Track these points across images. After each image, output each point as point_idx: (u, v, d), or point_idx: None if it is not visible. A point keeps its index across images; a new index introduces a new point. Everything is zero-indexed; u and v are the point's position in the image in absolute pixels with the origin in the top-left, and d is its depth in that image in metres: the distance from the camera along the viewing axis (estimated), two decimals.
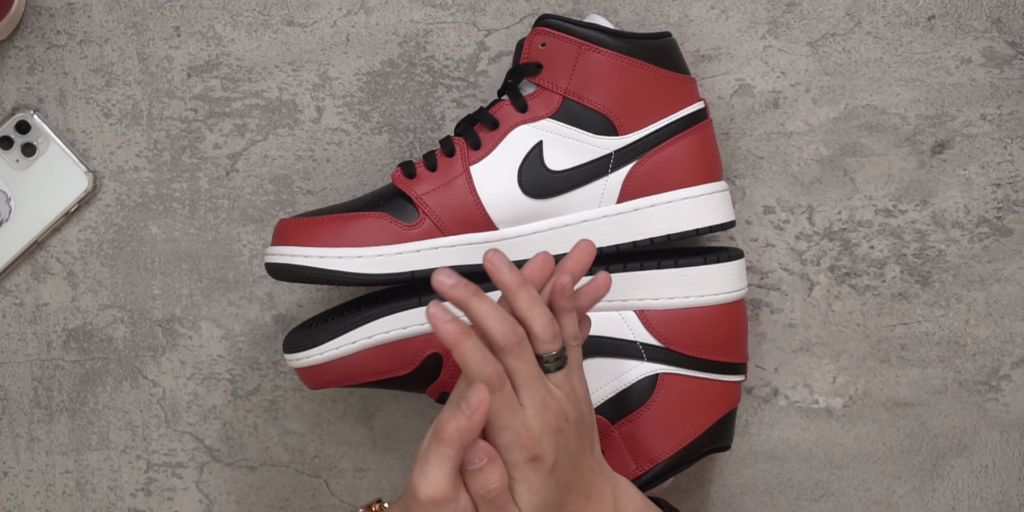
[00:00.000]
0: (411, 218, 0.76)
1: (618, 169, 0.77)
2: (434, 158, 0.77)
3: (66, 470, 0.88)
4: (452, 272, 0.65)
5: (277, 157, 0.86)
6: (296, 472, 0.88)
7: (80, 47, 0.85)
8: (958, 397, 0.85)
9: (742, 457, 0.87)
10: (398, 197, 0.77)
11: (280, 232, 0.77)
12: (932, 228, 0.84)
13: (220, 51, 0.85)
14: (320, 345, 0.76)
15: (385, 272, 0.75)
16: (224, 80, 0.85)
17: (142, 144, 0.86)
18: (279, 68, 0.85)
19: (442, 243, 0.76)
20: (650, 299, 0.78)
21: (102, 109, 0.86)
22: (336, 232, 0.76)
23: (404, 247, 0.76)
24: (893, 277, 0.85)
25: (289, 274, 0.76)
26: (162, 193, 0.86)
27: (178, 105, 0.85)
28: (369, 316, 0.76)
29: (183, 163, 0.86)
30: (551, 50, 0.76)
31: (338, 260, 0.75)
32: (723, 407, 0.80)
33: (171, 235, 0.86)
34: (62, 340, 0.87)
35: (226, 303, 0.86)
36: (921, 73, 0.83)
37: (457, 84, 0.85)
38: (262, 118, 0.85)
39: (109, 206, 0.86)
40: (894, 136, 0.84)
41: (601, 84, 0.76)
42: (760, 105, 0.84)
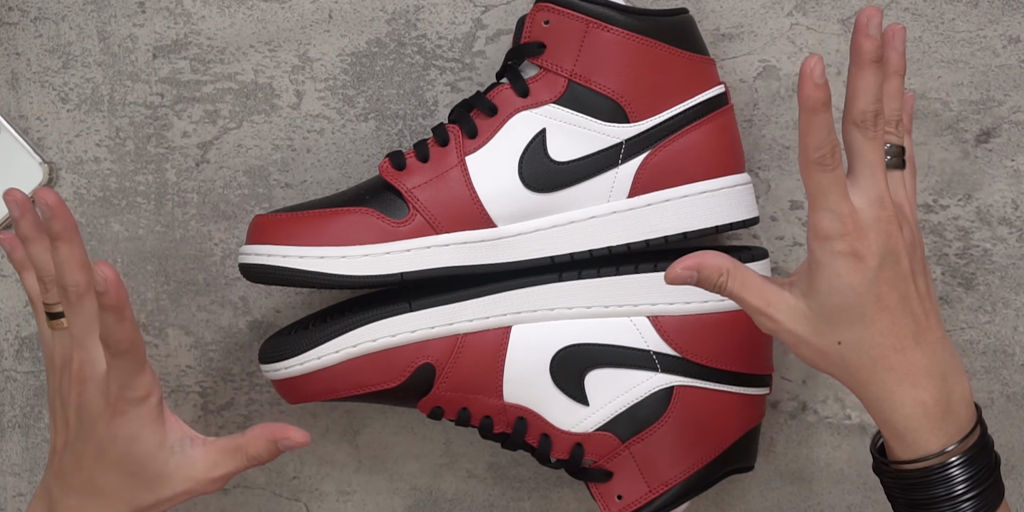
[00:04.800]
0: (400, 214, 0.75)
1: (629, 160, 0.76)
2: (426, 148, 0.76)
3: (19, 493, 0.88)
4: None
5: (252, 147, 0.86)
6: (274, 495, 0.88)
7: (34, 25, 0.86)
8: (1005, 412, 0.85)
9: (766, 479, 0.87)
10: (386, 191, 0.77)
11: (256, 229, 0.76)
12: (977, 225, 0.85)
13: (189, 29, 0.85)
14: (300, 355, 0.76)
15: (372, 274, 0.75)
16: (193, 61, 0.85)
17: (103, 132, 0.86)
18: (254, 48, 0.85)
19: (435, 242, 0.75)
20: (664, 304, 0.77)
21: (59, 93, 0.86)
22: (317, 229, 0.75)
23: (393, 246, 0.75)
24: (934, 279, 0.85)
25: (266, 276, 0.75)
26: (125, 186, 0.86)
27: (143, 89, 0.85)
28: (354, 323, 0.76)
29: (148, 153, 0.86)
30: (555, 28, 0.75)
31: (320, 260, 0.74)
32: (746, 423, 0.80)
33: (135, 233, 0.86)
34: (14, 349, 0.87)
35: (196, 308, 0.86)
36: (965, 53, 0.84)
37: (451, 66, 0.84)
38: (235, 103, 0.85)
39: (67, 201, 0.87)
40: (935, 123, 0.84)
41: (611, 66, 0.76)
42: (787, 89, 0.84)
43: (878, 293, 0.66)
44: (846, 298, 0.66)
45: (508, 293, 0.77)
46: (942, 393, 0.67)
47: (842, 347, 0.67)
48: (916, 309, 0.67)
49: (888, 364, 0.67)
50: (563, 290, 0.77)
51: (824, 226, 0.66)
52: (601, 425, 0.77)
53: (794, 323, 0.67)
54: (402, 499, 0.87)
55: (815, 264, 0.66)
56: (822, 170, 0.65)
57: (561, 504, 0.87)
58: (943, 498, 0.67)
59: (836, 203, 0.65)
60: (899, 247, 0.66)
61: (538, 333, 0.77)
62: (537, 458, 0.79)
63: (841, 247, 0.65)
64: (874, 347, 0.67)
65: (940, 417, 0.67)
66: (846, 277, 0.66)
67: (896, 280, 0.67)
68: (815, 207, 0.66)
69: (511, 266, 0.77)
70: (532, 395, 0.77)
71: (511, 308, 0.77)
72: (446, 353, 0.76)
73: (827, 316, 0.67)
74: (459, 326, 0.76)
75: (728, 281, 0.68)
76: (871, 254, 0.66)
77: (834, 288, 0.66)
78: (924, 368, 0.67)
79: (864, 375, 0.67)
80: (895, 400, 0.67)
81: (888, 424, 0.67)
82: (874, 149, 0.66)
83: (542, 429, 0.78)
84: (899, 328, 0.67)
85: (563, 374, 0.77)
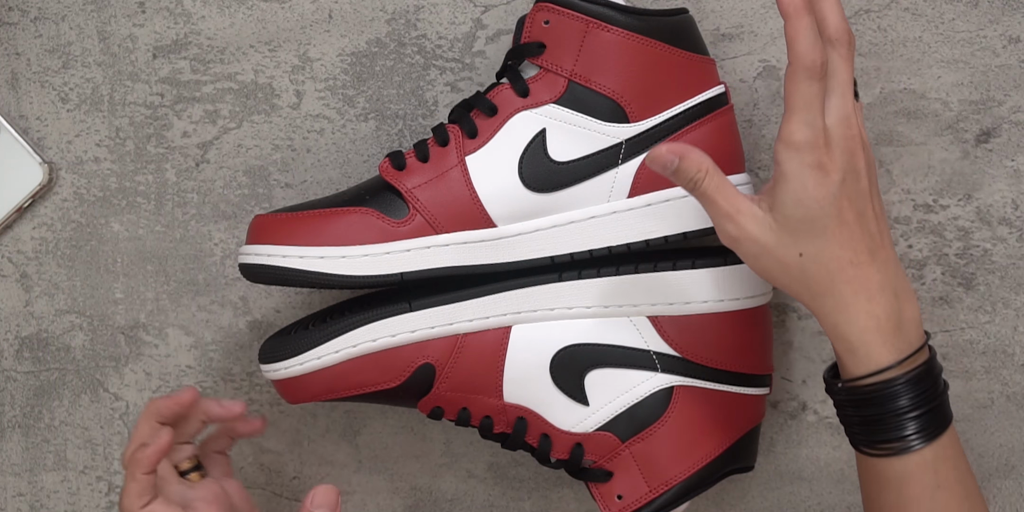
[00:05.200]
0: (400, 214, 0.75)
1: (629, 160, 0.76)
2: (426, 148, 0.76)
3: (19, 493, 0.88)
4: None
5: (252, 147, 0.85)
6: (273, 495, 0.87)
7: (34, 25, 0.85)
8: (1005, 412, 0.85)
9: (766, 479, 0.86)
10: (386, 191, 0.77)
11: (255, 229, 0.76)
12: (977, 225, 0.84)
13: (189, 29, 0.85)
14: (300, 355, 0.76)
15: (372, 274, 0.75)
16: (193, 61, 0.85)
17: (103, 132, 0.86)
18: (254, 48, 0.85)
19: (435, 242, 0.75)
20: (664, 304, 0.77)
21: (59, 93, 0.86)
22: (317, 229, 0.75)
23: (392, 246, 0.75)
24: (933, 279, 0.85)
25: (265, 276, 0.75)
26: (125, 186, 0.86)
27: (143, 89, 0.85)
28: (354, 323, 0.76)
29: (148, 153, 0.85)
30: (555, 28, 0.75)
31: (319, 260, 0.74)
32: (746, 423, 0.80)
33: (135, 233, 0.86)
34: (14, 349, 0.87)
35: (196, 308, 0.86)
36: (965, 53, 0.83)
37: (451, 66, 0.84)
38: (235, 103, 0.85)
39: (66, 201, 0.86)
40: (935, 123, 0.84)
41: (611, 66, 0.76)
42: None
43: (839, 207, 0.69)
44: (810, 210, 0.68)
45: (508, 293, 0.77)
46: (894, 309, 0.69)
47: (803, 259, 0.69)
48: (872, 227, 0.70)
49: (845, 277, 0.69)
50: (563, 290, 0.77)
51: (799, 138, 0.68)
52: (601, 425, 0.77)
53: (760, 232, 0.69)
54: (402, 499, 0.87)
55: (782, 177, 0.69)
56: (810, 80, 0.68)
57: (561, 504, 0.87)
58: (891, 414, 0.69)
59: (814, 116, 0.68)
60: (861, 166, 0.69)
61: (538, 333, 0.77)
62: (537, 458, 0.79)
63: (810, 159, 0.68)
64: (832, 259, 0.69)
65: (891, 332, 0.69)
66: (812, 190, 0.68)
67: (856, 197, 0.69)
68: (793, 119, 0.68)
69: (511, 266, 0.77)
70: (532, 395, 0.77)
71: (511, 308, 0.77)
72: (446, 353, 0.76)
73: (791, 227, 0.69)
74: (459, 326, 0.76)
75: (705, 179, 0.70)
76: (836, 169, 0.68)
77: (800, 200, 0.68)
78: (878, 283, 0.69)
79: (822, 287, 0.69)
80: (850, 312, 0.69)
81: (842, 338, 0.70)
82: (847, 70, 0.69)
83: (542, 429, 0.78)
84: (856, 243, 0.69)
85: (563, 374, 0.77)
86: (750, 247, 0.70)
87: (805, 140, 0.68)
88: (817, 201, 0.68)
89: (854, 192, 0.69)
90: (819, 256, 0.69)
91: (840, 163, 0.69)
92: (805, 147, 0.68)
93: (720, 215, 0.70)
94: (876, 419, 0.69)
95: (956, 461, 0.70)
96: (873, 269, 0.69)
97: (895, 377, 0.69)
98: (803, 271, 0.69)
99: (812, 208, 0.68)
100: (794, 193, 0.68)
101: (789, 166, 0.68)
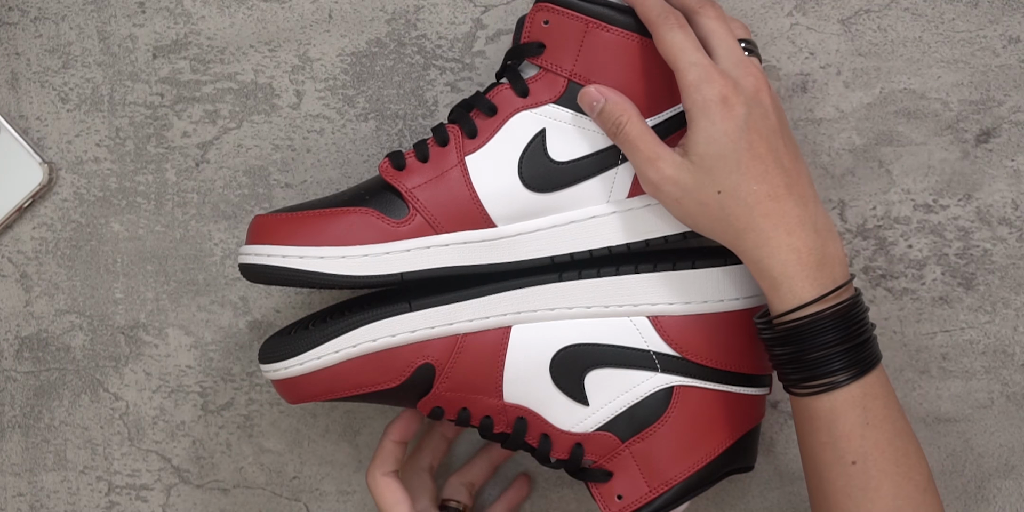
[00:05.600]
0: (400, 214, 0.75)
1: (628, 160, 0.75)
2: (425, 148, 0.77)
3: (19, 493, 0.88)
4: None
5: (252, 147, 0.85)
6: (273, 495, 0.87)
7: (34, 25, 0.85)
8: (1005, 412, 0.85)
9: (766, 479, 0.86)
10: (386, 191, 0.77)
11: (256, 229, 0.77)
12: (977, 225, 0.84)
13: (189, 29, 0.84)
14: (300, 355, 0.76)
15: (372, 274, 0.75)
16: (193, 61, 0.85)
17: (103, 132, 0.85)
18: (254, 48, 0.85)
19: (434, 242, 0.75)
20: (664, 304, 0.77)
21: (59, 93, 0.85)
22: (318, 229, 0.75)
23: (393, 246, 0.75)
24: (934, 279, 0.84)
25: (266, 276, 0.76)
26: (125, 186, 0.86)
27: (143, 89, 0.85)
28: (354, 323, 0.76)
29: (148, 153, 0.85)
30: (555, 28, 0.75)
31: (320, 260, 0.74)
32: (746, 423, 0.80)
33: (135, 233, 0.86)
34: (14, 349, 0.87)
35: (196, 308, 0.86)
36: (965, 53, 0.83)
37: (451, 66, 0.84)
38: (235, 103, 0.85)
39: (66, 201, 0.86)
40: (935, 123, 0.83)
41: (610, 66, 0.75)
42: (786, 89, 0.84)
43: (749, 140, 0.70)
44: (721, 145, 0.70)
45: (508, 293, 0.76)
46: (815, 244, 0.71)
47: (721, 196, 0.71)
48: (786, 163, 0.71)
49: (764, 210, 0.70)
50: (563, 290, 0.77)
51: (691, 77, 0.70)
52: (601, 425, 0.77)
53: (678, 174, 0.71)
54: None
55: (690, 118, 0.71)
56: (669, 27, 0.71)
57: (561, 504, 0.87)
58: (817, 348, 0.70)
59: (695, 55, 0.70)
60: (767, 102, 0.71)
61: (538, 333, 0.77)
62: (537, 458, 0.79)
63: (711, 94, 0.70)
64: (750, 194, 0.70)
65: (814, 266, 0.70)
66: (719, 124, 0.70)
67: (765, 131, 0.71)
68: (678, 66, 0.71)
69: (511, 266, 0.76)
70: (532, 395, 0.77)
71: (511, 308, 0.76)
72: (446, 353, 0.76)
73: (707, 166, 0.70)
74: (459, 326, 0.76)
75: (627, 125, 0.73)
76: (740, 103, 0.70)
77: (710, 136, 0.70)
78: (797, 217, 0.71)
79: (742, 223, 0.71)
80: (771, 246, 0.70)
81: (765, 274, 0.71)
82: (721, 25, 0.72)
83: (542, 429, 0.78)
84: (771, 177, 0.71)
85: (563, 374, 0.77)
86: (670, 190, 0.72)
87: (697, 77, 0.70)
88: (726, 134, 0.70)
89: (763, 127, 0.71)
90: (736, 191, 0.70)
91: (744, 98, 0.70)
92: (702, 83, 0.70)
93: (641, 160, 0.72)
94: (802, 356, 0.71)
95: (886, 400, 0.71)
96: (791, 203, 0.71)
97: (819, 311, 0.70)
98: (722, 208, 0.71)
99: (722, 142, 0.70)
100: (703, 130, 0.70)
101: (692, 105, 0.70)
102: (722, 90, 0.70)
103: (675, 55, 0.71)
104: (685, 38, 0.71)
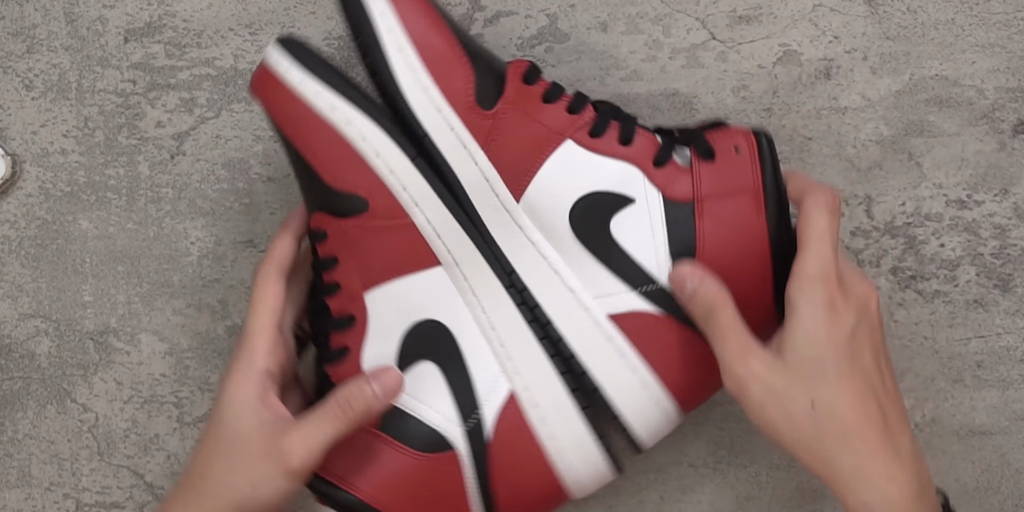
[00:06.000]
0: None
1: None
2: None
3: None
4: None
5: (232, 138, 0.84)
6: None
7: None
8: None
9: (787, 497, 0.85)
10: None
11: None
12: (1014, 222, 0.83)
13: (163, 11, 0.84)
14: (307, 70, 0.72)
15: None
16: (168, 45, 0.84)
17: (70, 122, 0.85)
18: (234, 31, 0.84)
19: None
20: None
21: (23, 80, 0.85)
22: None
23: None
24: (968, 281, 0.84)
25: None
26: (94, 181, 0.85)
27: (113, 75, 0.84)
28: (367, 109, 0.72)
29: (119, 145, 0.84)
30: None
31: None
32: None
33: (105, 231, 0.85)
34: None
35: (171, 312, 0.85)
36: (1001, 37, 0.83)
37: None
38: (214, 91, 0.84)
39: (31, 196, 0.85)
40: (968, 112, 0.83)
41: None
42: (809, 76, 0.83)
43: (853, 350, 0.68)
44: (822, 349, 0.67)
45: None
46: (914, 472, 0.68)
47: (815, 410, 0.67)
48: (887, 382, 0.69)
49: (861, 432, 0.67)
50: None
51: (812, 270, 0.68)
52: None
53: (768, 374, 0.68)
54: None
55: (793, 313, 0.68)
56: (828, 212, 0.69)
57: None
58: None
59: (827, 250, 0.69)
60: (875, 314, 0.70)
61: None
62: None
63: (822, 296, 0.68)
64: (847, 411, 0.67)
65: (915, 498, 0.67)
66: (824, 326, 0.68)
67: (870, 345, 0.69)
68: (807, 252, 0.69)
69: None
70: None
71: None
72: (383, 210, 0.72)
73: (801, 369, 0.68)
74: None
75: (721, 312, 0.70)
76: (849, 310, 0.68)
77: (811, 338, 0.68)
78: (896, 444, 0.68)
79: (836, 445, 0.67)
80: (869, 475, 0.67)
81: (864, 506, 0.67)
82: (837, 220, 0.70)
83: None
84: (872, 395, 0.68)
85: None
86: (756, 391, 0.68)
87: (818, 272, 0.68)
88: (830, 338, 0.67)
89: (868, 340, 0.69)
90: (833, 406, 0.67)
91: (854, 306, 0.68)
92: (818, 280, 0.68)
93: (729, 353, 0.69)
94: None
95: None
96: (890, 426, 0.68)
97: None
98: (815, 425, 0.67)
99: (823, 347, 0.67)
100: (805, 330, 0.68)
101: (800, 301, 0.68)
102: (835, 295, 0.68)
103: (811, 237, 0.69)
104: (829, 226, 0.69)
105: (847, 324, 0.68)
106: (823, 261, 0.68)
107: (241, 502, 0.70)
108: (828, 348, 0.67)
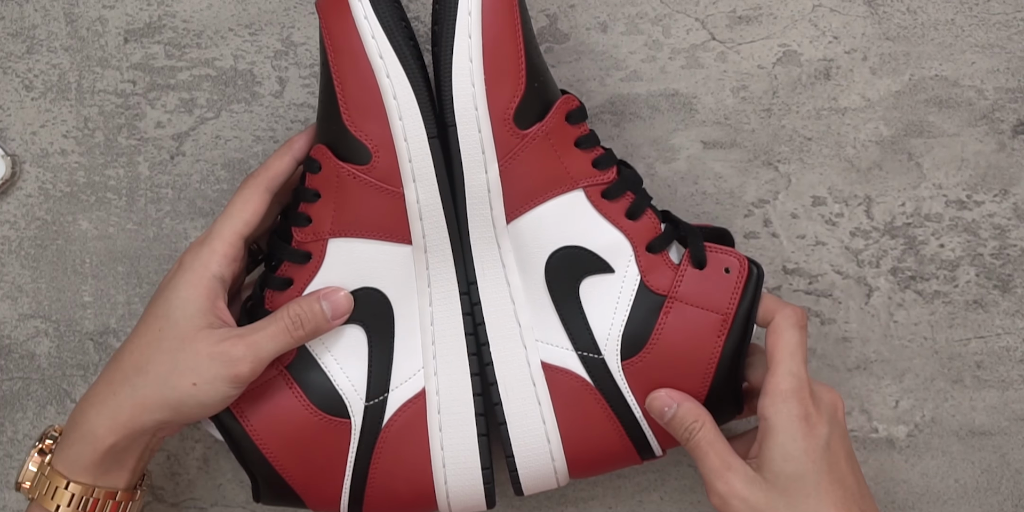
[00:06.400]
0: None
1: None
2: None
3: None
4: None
5: (232, 138, 0.84)
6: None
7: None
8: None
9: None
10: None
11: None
12: (1014, 223, 0.83)
13: (163, 11, 0.84)
14: (376, 10, 0.71)
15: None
16: (168, 46, 0.84)
17: (70, 122, 0.84)
18: (234, 32, 0.84)
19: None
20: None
21: (23, 81, 0.84)
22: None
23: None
24: (967, 281, 0.84)
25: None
26: (94, 181, 0.85)
27: (113, 76, 0.84)
28: (403, 55, 0.71)
29: (119, 145, 0.84)
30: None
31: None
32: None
33: (105, 231, 0.85)
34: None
35: None
36: (1001, 38, 0.83)
37: None
38: (213, 91, 0.84)
39: (31, 196, 0.85)
40: (968, 113, 0.83)
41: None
42: (808, 76, 0.83)
43: (830, 462, 0.70)
44: (800, 465, 0.69)
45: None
46: None
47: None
48: (862, 487, 0.72)
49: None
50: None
51: (784, 386, 0.70)
52: None
53: (749, 491, 0.70)
54: None
55: (769, 431, 0.70)
56: (792, 323, 0.72)
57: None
58: None
59: (799, 366, 0.71)
60: (842, 421, 0.72)
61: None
62: None
63: (797, 411, 0.70)
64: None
65: None
66: (800, 441, 0.70)
67: (843, 453, 0.71)
68: (779, 369, 0.71)
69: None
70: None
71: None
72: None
73: (782, 486, 0.69)
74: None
75: (700, 431, 0.71)
76: (822, 422, 0.70)
77: (788, 454, 0.69)
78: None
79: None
80: None
81: None
82: (804, 336, 0.72)
83: None
84: (852, 501, 0.70)
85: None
86: (738, 507, 0.70)
87: (792, 389, 0.70)
88: (807, 453, 0.69)
89: (841, 446, 0.71)
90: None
91: (826, 417, 0.71)
92: (791, 396, 0.70)
93: (710, 470, 0.71)
94: None
95: None
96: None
97: None
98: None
99: (802, 462, 0.69)
100: (783, 447, 0.70)
101: (776, 419, 0.70)
102: (808, 408, 0.70)
103: (783, 354, 0.71)
104: (800, 343, 0.71)
105: (822, 436, 0.70)
106: (796, 378, 0.70)
107: (180, 400, 0.70)
108: (807, 463, 0.69)
